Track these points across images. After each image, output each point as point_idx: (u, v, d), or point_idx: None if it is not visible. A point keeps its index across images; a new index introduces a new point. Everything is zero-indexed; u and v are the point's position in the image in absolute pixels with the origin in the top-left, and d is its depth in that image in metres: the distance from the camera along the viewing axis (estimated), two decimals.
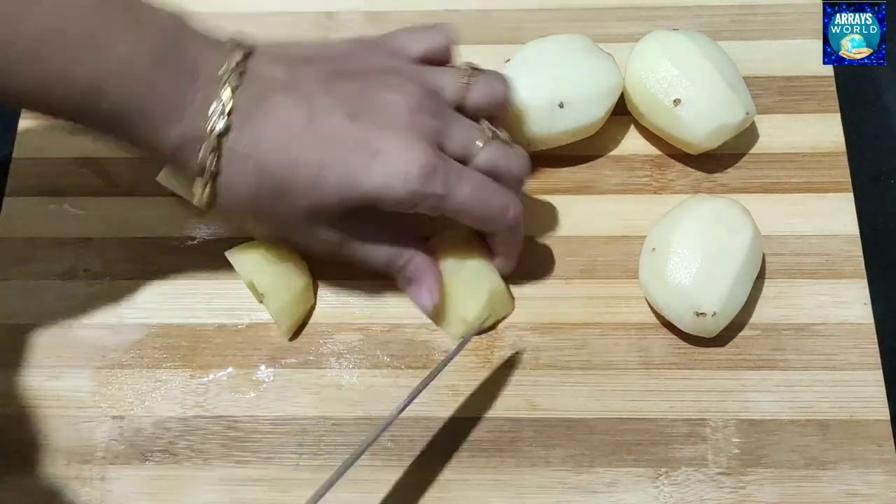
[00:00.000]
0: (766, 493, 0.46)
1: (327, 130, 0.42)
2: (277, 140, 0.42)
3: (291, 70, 0.44)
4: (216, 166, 0.41)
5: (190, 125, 0.41)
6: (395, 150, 0.42)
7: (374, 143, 0.42)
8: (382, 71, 0.45)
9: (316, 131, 0.42)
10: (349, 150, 0.42)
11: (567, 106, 0.50)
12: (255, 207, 0.43)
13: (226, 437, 0.48)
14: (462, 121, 0.46)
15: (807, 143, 0.54)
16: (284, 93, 0.42)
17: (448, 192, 0.43)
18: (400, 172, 0.42)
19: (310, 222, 0.44)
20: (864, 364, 0.48)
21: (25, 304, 0.52)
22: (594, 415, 0.48)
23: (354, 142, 0.42)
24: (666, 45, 0.51)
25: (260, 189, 0.42)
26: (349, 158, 0.42)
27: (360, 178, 0.42)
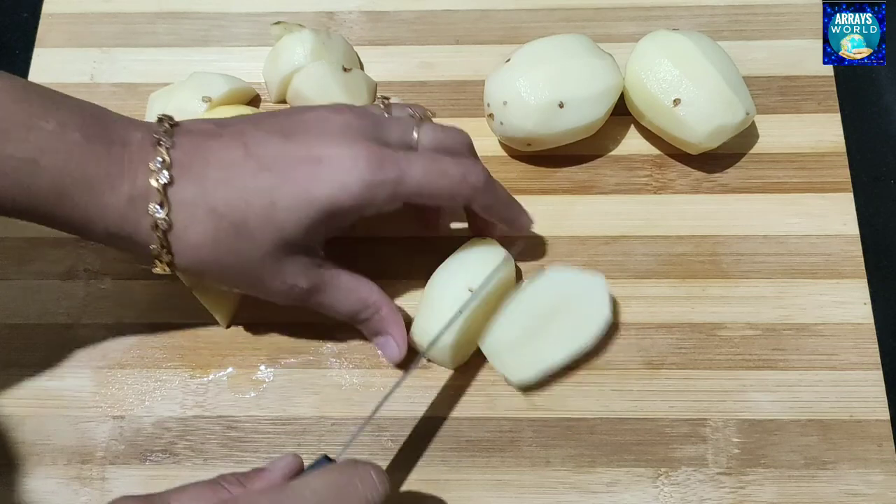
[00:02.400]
0: (766, 493, 0.46)
1: (266, 155, 0.42)
2: (221, 179, 0.41)
3: (217, 122, 0.44)
4: (168, 220, 0.41)
5: (131, 187, 0.40)
6: (338, 152, 0.42)
7: (316, 152, 0.42)
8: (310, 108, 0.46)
9: (256, 160, 0.42)
10: (293, 167, 0.42)
11: (567, 106, 0.50)
12: (215, 256, 0.42)
13: (226, 437, 0.48)
14: (390, 118, 0.46)
15: (807, 143, 0.54)
16: (216, 138, 0.43)
17: (401, 174, 0.43)
18: (348, 170, 0.42)
19: (275, 259, 0.43)
20: (864, 364, 0.48)
21: (25, 304, 0.52)
22: (594, 415, 0.48)
23: (295, 158, 0.42)
24: (666, 45, 0.51)
25: (216, 233, 0.41)
26: (295, 175, 0.42)
27: (311, 189, 0.41)
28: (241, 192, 0.41)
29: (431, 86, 0.57)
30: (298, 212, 0.42)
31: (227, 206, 0.41)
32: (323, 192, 0.42)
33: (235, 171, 0.41)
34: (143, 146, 0.41)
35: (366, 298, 0.46)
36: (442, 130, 0.47)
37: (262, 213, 0.41)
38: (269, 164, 0.42)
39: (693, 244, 0.52)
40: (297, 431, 0.48)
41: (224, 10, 0.60)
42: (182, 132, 0.43)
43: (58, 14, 0.60)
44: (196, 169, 0.41)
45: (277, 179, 0.41)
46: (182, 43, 0.59)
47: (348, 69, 0.55)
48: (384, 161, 0.42)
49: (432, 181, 0.44)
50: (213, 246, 0.42)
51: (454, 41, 0.58)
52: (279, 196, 0.41)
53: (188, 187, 0.41)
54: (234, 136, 0.43)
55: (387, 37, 0.59)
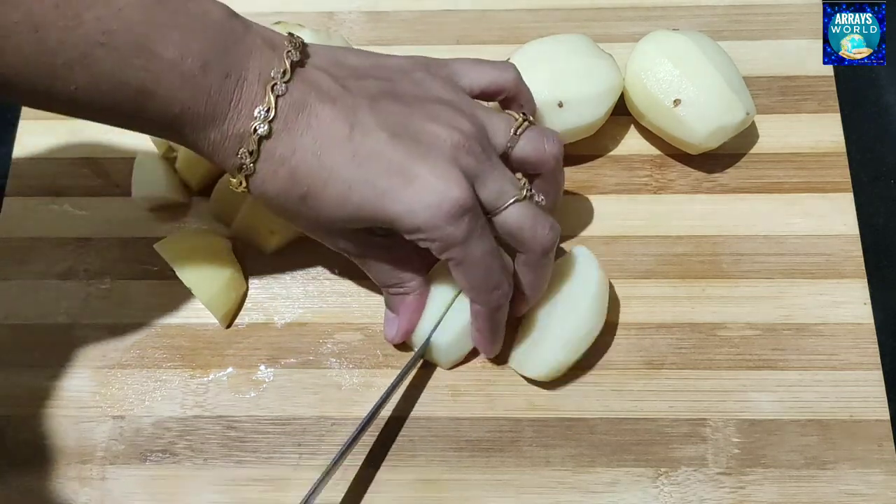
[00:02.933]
0: (766, 493, 0.46)
1: (366, 149, 0.41)
2: (314, 150, 0.41)
3: (341, 81, 0.43)
4: (252, 167, 0.41)
5: (231, 128, 0.41)
6: (431, 179, 0.41)
7: (411, 170, 0.41)
8: (434, 100, 0.44)
9: (355, 148, 0.41)
10: (383, 173, 0.41)
11: (567, 106, 0.50)
12: (283, 206, 0.43)
13: (226, 437, 0.48)
14: (502, 170, 0.44)
15: (807, 143, 0.54)
16: (330, 104, 0.42)
17: (465, 240, 0.42)
18: (430, 203, 0.41)
19: (330, 230, 0.44)
20: (864, 364, 0.48)
21: (25, 304, 0.52)
22: (594, 415, 0.48)
23: (391, 165, 0.41)
24: (666, 45, 0.51)
25: (288, 192, 0.42)
26: (381, 181, 0.41)
27: (385, 201, 0.41)
28: (325, 170, 0.41)
29: None
30: (364, 213, 0.42)
31: (307, 176, 0.41)
32: (394, 208, 0.41)
33: (330, 150, 0.41)
34: (255, 87, 0.41)
35: (401, 279, 0.47)
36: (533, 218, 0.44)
37: (334, 198, 0.42)
38: (364, 157, 0.41)
39: (693, 244, 0.52)
40: (297, 431, 0.48)
41: None
42: (301, 80, 0.42)
43: None
44: (296, 129, 0.41)
45: (362, 177, 0.41)
46: None
47: None
48: (464, 216, 0.41)
49: (475, 270, 0.43)
50: (281, 200, 0.42)
51: (454, 41, 0.58)
52: (355, 191, 0.41)
53: (281, 144, 0.41)
54: (347, 110, 0.42)
55: (387, 37, 0.59)
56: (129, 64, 0.38)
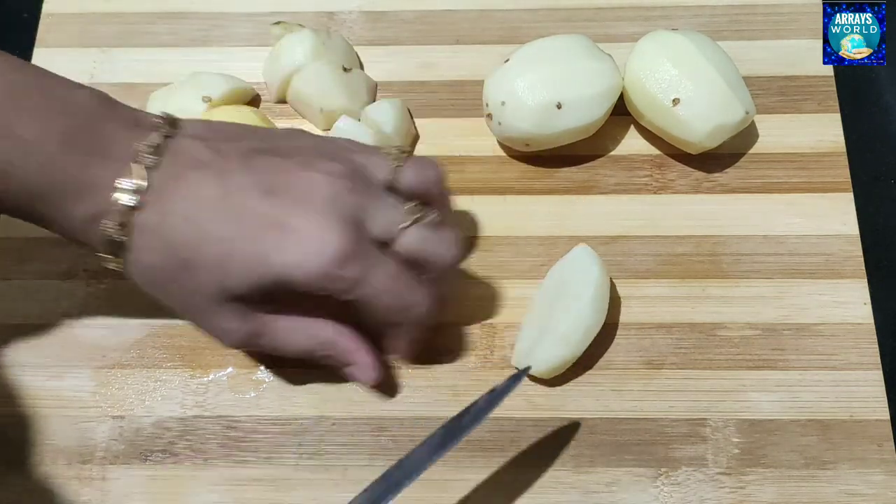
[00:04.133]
0: (766, 493, 0.46)
1: (240, 207, 0.41)
2: (187, 215, 0.41)
3: (213, 146, 0.42)
4: (128, 242, 0.41)
5: (98, 204, 0.40)
6: (310, 228, 0.40)
7: (288, 220, 0.41)
8: (309, 150, 0.44)
9: (228, 208, 0.41)
10: (261, 228, 0.41)
11: (566, 107, 0.50)
12: (161, 282, 0.42)
13: (226, 437, 0.48)
14: (387, 201, 0.43)
15: (807, 143, 0.54)
16: (202, 170, 0.41)
17: (362, 278, 0.41)
18: (314, 253, 0.40)
19: (217, 304, 0.42)
20: (864, 364, 0.48)
21: (25, 304, 0.52)
22: (594, 415, 0.48)
23: (267, 219, 0.41)
24: (665, 45, 0.51)
25: (165, 264, 0.41)
26: (260, 236, 0.40)
27: (269, 256, 0.40)
28: (201, 234, 0.41)
29: (431, 86, 0.57)
30: (249, 272, 0.41)
31: (184, 243, 0.41)
32: (279, 262, 0.40)
33: (203, 212, 0.41)
34: (121, 164, 0.40)
35: (316, 335, 0.45)
36: (430, 239, 0.44)
37: (215, 259, 0.41)
38: (240, 217, 0.41)
39: (693, 244, 0.52)
40: (297, 431, 0.48)
41: (224, 10, 0.60)
42: (172, 152, 0.41)
43: (58, 14, 0.60)
44: (168, 197, 0.41)
45: (240, 234, 0.41)
46: (182, 43, 0.59)
47: (348, 69, 0.55)
48: (352, 257, 0.41)
49: (384, 298, 0.42)
50: (160, 273, 0.42)
51: (454, 41, 0.58)
52: (236, 251, 0.41)
53: (153, 215, 0.40)
54: (219, 172, 0.41)
55: (387, 37, 0.59)
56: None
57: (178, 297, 0.43)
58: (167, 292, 0.43)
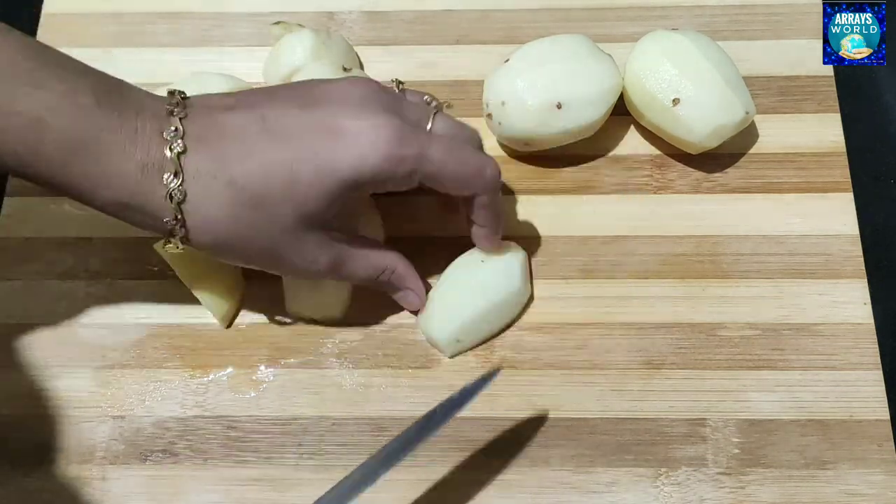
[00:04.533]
0: (766, 493, 0.46)
1: (285, 127, 0.41)
2: (239, 152, 0.40)
3: (230, 96, 0.44)
4: (182, 191, 0.40)
5: (144, 154, 0.39)
6: (359, 124, 0.41)
7: (335, 123, 0.41)
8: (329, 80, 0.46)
9: (274, 132, 0.41)
10: (314, 138, 0.41)
11: (565, 107, 0.50)
12: (233, 230, 0.41)
13: (226, 437, 0.48)
14: (409, 99, 0.46)
15: (807, 143, 0.54)
16: (231, 111, 0.42)
17: (423, 151, 0.42)
18: (371, 143, 0.41)
19: (296, 236, 0.42)
20: (864, 364, 0.48)
21: (25, 304, 0.52)
22: (594, 415, 0.48)
23: (316, 129, 0.41)
24: (665, 45, 0.51)
25: (234, 207, 0.40)
26: (316, 147, 0.41)
27: (333, 161, 0.41)
28: (260, 164, 0.40)
29: (431, 86, 0.57)
30: (320, 185, 0.41)
31: (247, 178, 0.40)
32: (345, 164, 0.41)
33: (254, 144, 0.41)
34: (156, 115, 0.40)
35: (379, 263, 0.47)
36: (456, 123, 0.47)
37: (283, 186, 0.41)
38: (289, 135, 0.41)
39: (693, 244, 0.52)
40: (297, 431, 0.48)
41: (224, 10, 0.60)
42: (195, 105, 0.42)
43: (58, 14, 0.60)
44: (211, 141, 0.40)
45: (297, 152, 0.41)
46: (182, 43, 0.59)
47: (348, 69, 0.55)
48: (406, 136, 0.42)
49: (451, 165, 0.43)
50: (230, 220, 0.41)
51: (454, 41, 0.58)
52: (300, 168, 0.41)
53: (204, 158, 0.40)
54: (250, 107, 0.42)
55: (387, 37, 0.59)
56: (17, 94, 0.38)
57: (253, 243, 0.42)
58: (240, 241, 0.42)
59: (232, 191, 0.40)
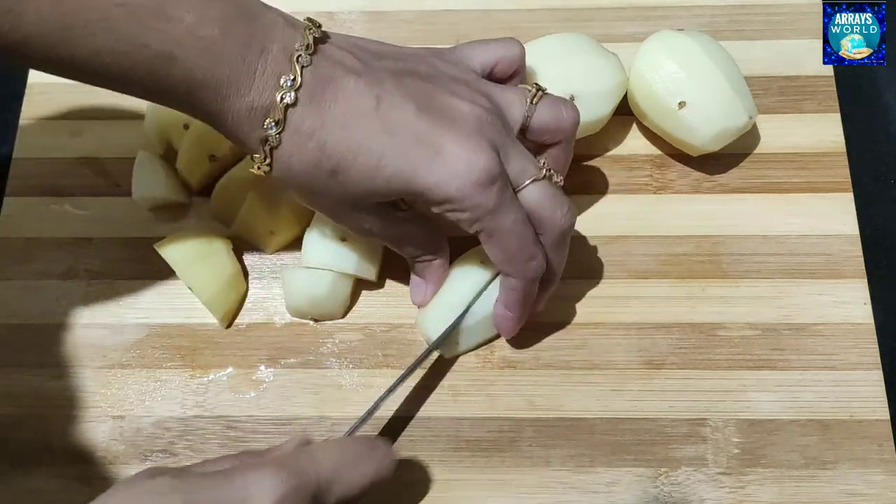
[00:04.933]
0: (766, 493, 0.46)
1: (394, 121, 0.41)
2: (343, 122, 0.41)
3: (362, 59, 0.43)
4: (277, 139, 0.41)
5: (256, 97, 0.40)
6: (460, 151, 0.41)
7: (440, 140, 0.41)
8: (451, 79, 0.45)
9: (383, 120, 0.41)
10: (412, 144, 0.41)
11: (578, 100, 0.50)
12: (308, 184, 0.43)
13: (226, 437, 0.48)
14: (522, 149, 0.44)
15: (807, 143, 0.54)
16: (355, 76, 0.42)
17: (496, 209, 0.42)
18: (459, 172, 0.41)
19: (360, 208, 0.44)
20: (864, 364, 0.48)
21: (25, 304, 0.52)
22: (594, 415, 0.48)
23: (419, 137, 0.41)
24: (671, 46, 0.51)
25: (316, 167, 0.42)
26: (411, 152, 0.41)
27: (417, 171, 0.41)
28: (354, 142, 0.41)
29: None
30: (395, 184, 0.42)
31: (336, 149, 0.41)
32: (425, 179, 0.41)
33: (358, 121, 0.41)
34: (279, 57, 0.40)
35: (427, 250, 0.48)
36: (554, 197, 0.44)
37: (364, 170, 0.41)
38: (393, 129, 0.41)
39: (693, 244, 0.52)
40: (296, 431, 0.48)
41: None
42: (324, 55, 0.42)
43: None
44: (323, 101, 0.41)
45: (392, 148, 0.41)
46: None
47: None
48: (493, 186, 0.42)
49: (509, 239, 0.43)
50: (308, 176, 0.42)
51: (454, 41, 0.58)
52: (386, 163, 0.41)
53: (308, 116, 0.41)
54: (373, 83, 0.42)
55: (387, 37, 0.58)
56: (148, 26, 0.38)
57: (320, 197, 0.44)
58: (311, 192, 0.43)
59: (319, 154, 0.41)
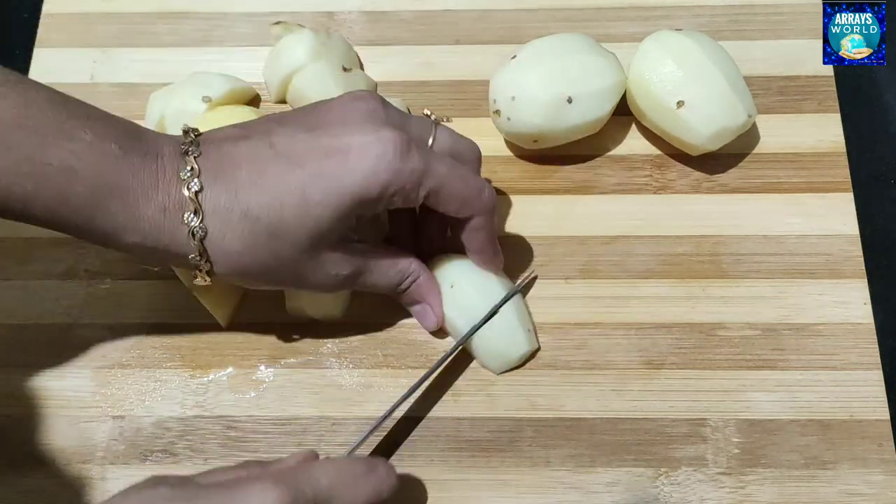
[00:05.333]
0: (766, 493, 0.46)
1: (295, 151, 0.42)
2: (251, 181, 0.41)
3: (244, 128, 0.44)
4: (203, 227, 0.41)
5: (165, 197, 0.41)
6: (365, 139, 0.42)
7: (343, 142, 0.42)
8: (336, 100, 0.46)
9: (285, 157, 0.42)
10: (322, 159, 0.42)
11: (576, 101, 0.50)
12: (254, 259, 0.42)
13: (226, 437, 0.48)
14: (411, 115, 0.46)
15: (807, 143, 0.54)
16: (242, 140, 0.43)
17: (426, 167, 0.42)
18: (377, 156, 0.41)
19: (313, 254, 0.43)
20: (864, 364, 0.48)
21: (25, 304, 0.52)
22: (594, 415, 0.48)
23: (323, 149, 0.42)
24: (670, 46, 0.51)
25: (253, 237, 0.41)
26: (325, 167, 0.41)
27: (341, 179, 0.41)
28: (272, 191, 0.41)
29: (431, 86, 0.57)
30: (331, 204, 0.42)
31: (261, 207, 0.41)
32: (354, 180, 0.41)
33: (265, 171, 0.41)
34: (173, 157, 0.42)
35: (404, 269, 0.47)
36: (457, 138, 0.47)
37: (296, 210, 0.41)
38: (298, 159, 0.42)
39: (693, 244, 0.52)
40: (296, 431, 0.48)
41: (224, 10, 0.60)
42: (207, 140, 0.43)
43: (58, 14, 0.60)
44: (226, 173, 0.41)
45: (308, 174, 0.41)
46: (182, 43, 0.59)
47: (348, 69, 0.55)
48: (411, 150, 0.42)
49: (454, 184, 0.44)
50: (250, 250, 0.42)
51: (454, 41, 0.58)
52: (311, 191, 0.41)
53: (220, 193, 0.41)
54: (260, 135, 0.43)
55: (387, 37, 0.59)
56: (48, 144, 0.39)
57: (275, 268, 0.43)
58: (263, 269, 0.43)
59: (248, 222, 0.41)
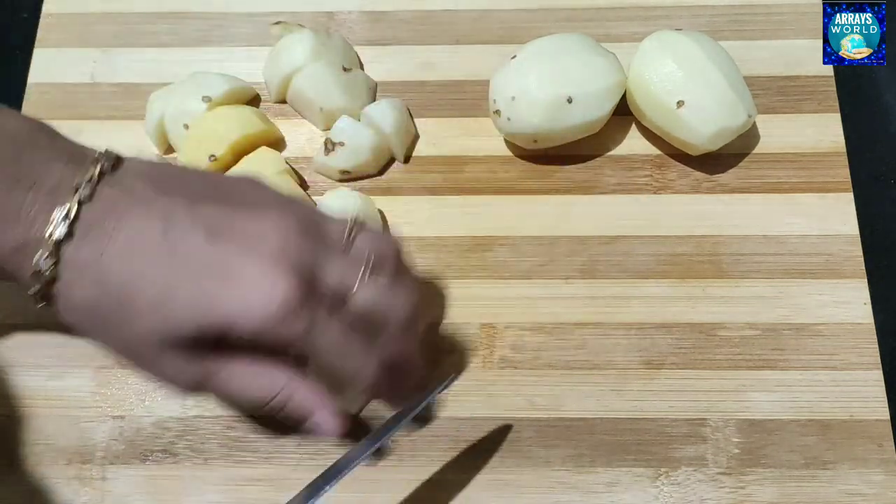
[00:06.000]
0: (766, 493, 0.46)
1: (181, 249, 0.38)
2: (123, 253, 0.37)
3: (158, 185, 0.39)
4: (54, 271, 0.37)
5: (23, 232, 0.37)
6: (256, 276, 0.37)
7: (233, 266, 0.37)
8: (263, 200, 0.41)
9: (169, 250, 0.37)
10: (203, 272, 0.37)
11: (576, 101, 0.50)
12: (93, 323, 0.39)
13: (226, 437, 0.48)
14: (340, 255, 0.40)
15: (807, 143, 0.54)
16: (142, 206, 0.38)
17: (308, 333, 0.38)
18: (258, 302, 0.37)
19: (156, 350, 0.39)
20: (864, 364, 0.48)
21: (25, 304, 0.51)
22: (594, 415, 0.48)
23: (210, 263, 0.37)
24: (670, 46, 0.51)
25: (98, 305, 0.38)
26: (202, 281, 0.37)
27: (212, 302, 0.37)
28: (137, 274, 0.37)
29: (431, 86, 0.57)
30: (190, 318, 0.38)
31: (118, 282, 0.37)
32: (222, 309, 0.37)
33: (140, 252, 0.38)
34: (55, 191, 0.37)
35: (271, 383, 0.40)
36: (386, 294, 0.40)
37: (152, 302, 0.37)
38: (181, 259, 0.38)
39: (693, 244, 0.52)
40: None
41: (224, 10, 0.60)
42: (111, 185, 0.38)
43: (58, 14, 0.60)
44: (103, 232, 0.38)
45: (181, 278, 0.37)
46: (182, 43, 0.59)
47: (348, 69, 0.55)
48: (298, 312, 0.37)
49: (328, 357, 0.39)
50: (92, 313, 0.39)
51: (454, 41, 0.58)
52: (176, 295, 0.37)
53: (85, 248, 0.37)
54: (162, 211, 0.38)
55: (387, 37, 0.59)
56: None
57: (114, 338, 0.40)
58: (101, 335, 0.40)
59: (100, 288, 0.38)
